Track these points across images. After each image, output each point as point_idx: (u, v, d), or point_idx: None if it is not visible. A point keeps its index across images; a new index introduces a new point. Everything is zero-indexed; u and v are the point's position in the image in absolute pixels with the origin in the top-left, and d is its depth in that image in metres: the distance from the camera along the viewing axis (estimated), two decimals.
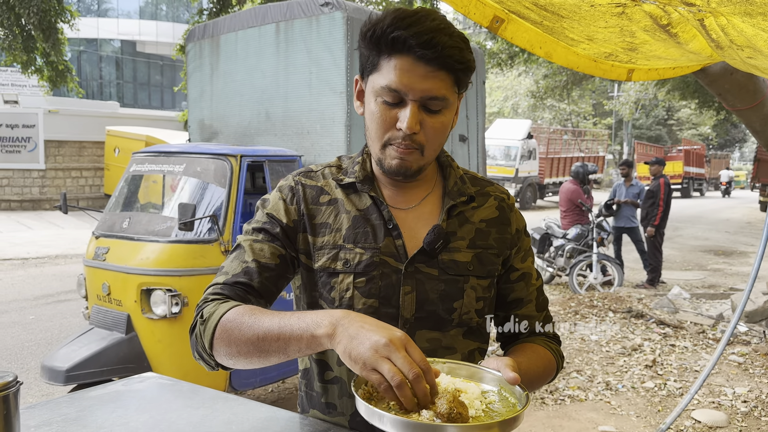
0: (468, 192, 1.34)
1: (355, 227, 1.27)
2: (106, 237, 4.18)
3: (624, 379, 5.00)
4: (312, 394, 1.35)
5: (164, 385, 1.59)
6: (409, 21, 1.13)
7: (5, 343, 6.01)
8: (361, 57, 1.22)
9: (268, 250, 1.26)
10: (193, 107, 5.61)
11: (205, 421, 1.31)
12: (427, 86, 1.15)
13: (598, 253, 8.49)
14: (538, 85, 23.83)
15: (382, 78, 1.17)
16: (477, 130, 5.83)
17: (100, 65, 34.71)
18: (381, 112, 1.19)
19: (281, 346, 1.08)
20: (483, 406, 1.03)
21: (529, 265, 1.39)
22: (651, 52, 2.91)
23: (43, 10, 11.56)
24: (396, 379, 0.92)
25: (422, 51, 1.12)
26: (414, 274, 1.25)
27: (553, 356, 1.36)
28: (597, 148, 29.69)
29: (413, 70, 1.14)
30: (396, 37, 1.13)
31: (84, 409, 1.41)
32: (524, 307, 1.38)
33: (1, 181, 16.52)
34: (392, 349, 0.95)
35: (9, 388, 0.90)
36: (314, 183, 1.34)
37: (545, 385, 1.45)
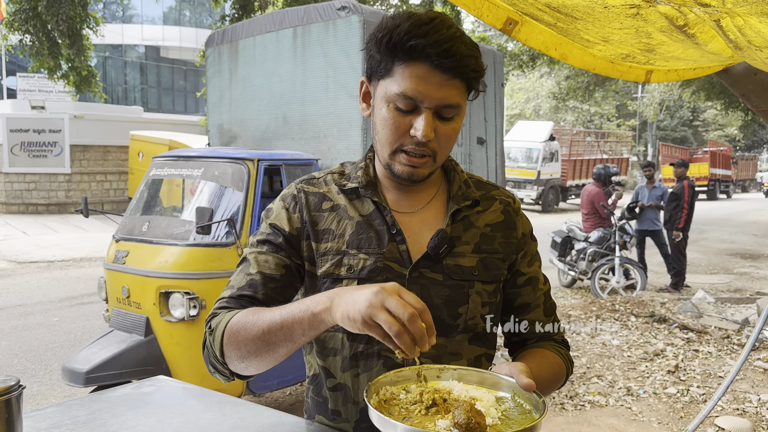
0: (472, 196, 1.33)
1: (359, 233, 1.27)
2: (126, 240, 4.23)
3: (645, 384, 4.93)
4: (318, 401, 1.35)
5: (175, 388, 1.60)
6: (426, 29, 1.12)
7: (30, 344, 6.11)
8: (371, 60, 1.21)
9: (272, 261, 1.26)
10: (213, 112, 5.66)
11: (211, 425, 1.32)
12: (442, 94, 1.14)
13: (621, 257, 8.38)
14: (560, 86, 23.63)
15: (396, 84, 1.15)
16: (495, 132, 5.79)
17: (125, 71, 35.23)
18: (394, 118, 1.18)
19: (286, 333, 1.09)
20: (499, 413, 1.01)
21: (536, 270, 1.38)
22: (669, 53, 2.87)
23: (70, 17, 11.78)
24: (393, 329, 0.93)
25: (440, 60, 1.11)
26: (418, 280, 1.24)
27: (563, 361, 1.34)
28: (621, 150, 29.34)
29: (429, 78, 1.13)
30: (414, 45, 1.12)
31: (94, 412, 1.42)
32: (531, 312, 1.36)
33: (29, 185, 16.82)
34: (385, 295, 0.95)
35: (11, 392, 0.91)
36: (317, 190, 1.33)
37: (557, 390, 1.42)
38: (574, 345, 5.87)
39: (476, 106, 5.53)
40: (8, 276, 9.61)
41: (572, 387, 4.90)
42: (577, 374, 5.16)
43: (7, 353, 5.84)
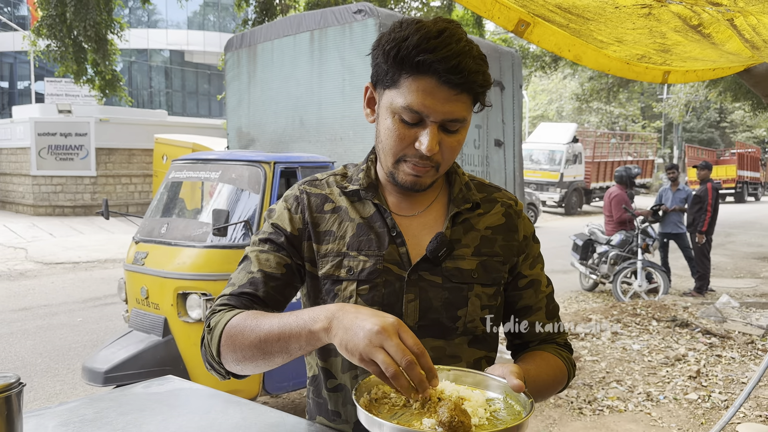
0: (473, 199, 1.33)
1: (359, 235, 1.27)
2: (145, 242, 4.30)
3: (666, 390, 4.85)
4: (319, 402, 1.36)
5: (182, 388, 1.62)
6: (435, 43, 1.11)
7: (54, 343, 6.23)
8: (377, 67, 1.20)
9: (273, 260, 1.27)
10: (232, 115, 5.71)
11: (214, 424, 1.33)
12: (448, 109, 1.14)
13: (643, 260, 8.27)
14: (582, 87, 23.42)
15: (402, 97, 1.15)
16: (513, 134, 5.76)
17: (150, 75, 35.73)
18: (399, 130, 1.18)
19: (282, 345, 1.09)
20: (487, 414, 1.02)
21: (538, 272, 1.37)
22: (686, 54, 2.83)
23: (96, 22, 11.99)
24: (390, 370, 0.93)
25: (447, 76, 1.11)
26: (417, 282, 1.24)
27: (564, 364, 1.33)
28: (646, 152, 28.97)
29: (436, 93, 1.13)
30: (422, 60, 1.11)
31: (101, 410, 1.45)
32: (533, 314, 1.36)
33: (55, 187, 17.15)
34: (384, 337, 0.95)
35: (11, 389, 0.93)
36: (319, 191, 1.34)
37: (561, 393, 1.41)
38: (594, 349, 5.81)
39: (494, 108, 5.50)
40: (35, 277, 9.80)
41: (591, 391, 4.85)
42: (596, 379, 5.11)
43: (32, 352, 5.96)
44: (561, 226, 17.66)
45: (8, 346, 6.13)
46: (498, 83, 5.54)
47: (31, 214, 17.08)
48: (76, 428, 1.33)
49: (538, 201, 19.12)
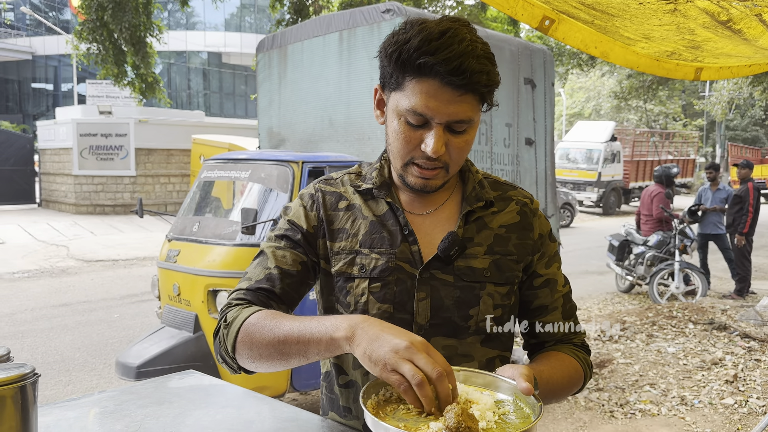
0: (486, 197, 1.32)
1: (372, 233, 1.28)
2: (178, 240, 4.38)
3: (701, 394, 4.74)
4: (332, 397, 1.37)
5: (202, 382, 1.65)
6: (436, 45, 1.10)
7: (91, 339, 6.40)
8: (383, 70, 1.21)
9: (290, 257, 1.28)
10: (263, 115, 5.78)
11: (228, 418, 1.36)
12: (453, 110, 1.14)
13: (681, 261, 8.08)
14: (621, 85, 22.99)
15: (406, 99, 1.15)
16: (545, 133, 5.69)
17: (189, 76, 36.41)
18: (405, 132, 1.18)
19: (301, 348, 1.10)
20: (496, 417, 1.01)
21: (554, 271, 1.35)
22: (718, 50, 2.76)
23: (133, 25, 12.28)
24: (417, 378, 0.92)
25: (450, 77, 1.10)
26: (429, 281, 1.24)
27: (580, 365, 1.31)
28: (687, 151, 28.27)
29: (439, 95, 1.12)
30: (423, 63, 1.10)
31: (122, 403, 1.48)
32: (549, 314, 1.34)
33: (96, 186, 17.60)
34: (414, 351, 0.95)
35: (25, 379, 0.96)
36: (334, 189, 1.35)
37: (570, 395, 1.39)
38: (628, 351, 5.70)
39: (525, 105, 5.45)
40: (75, 274, 10.08)
41: (623, 395, 4.77)
42: (628, 382, 5.02)
43: (70, 347, 6.14)
44: (598, 227, 17.39)
45: (48, 341, 6.32)
46: (529, 81, 5.48)
47: (73, 213, 17.56)
48: (96, 420, 1.37)
49: (574, 201, 18.83)
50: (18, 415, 0.96)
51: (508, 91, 5.27)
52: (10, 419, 0.95)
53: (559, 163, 21.93)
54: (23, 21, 36.16)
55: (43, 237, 13.51)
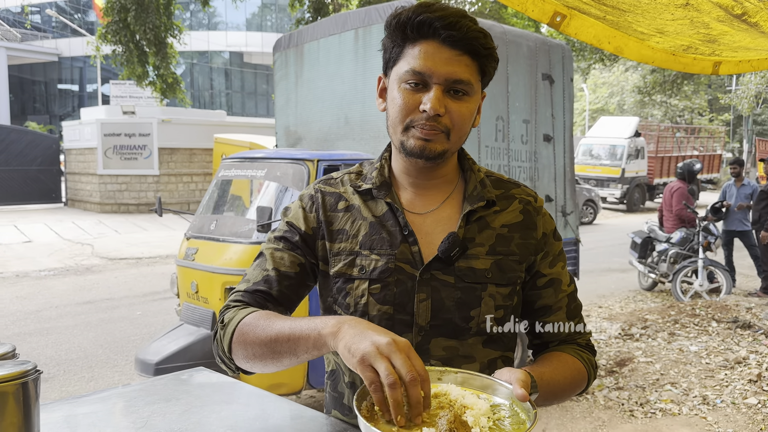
0: (488, 196, 1.30)
1: (372, 234, 1.27)
2: (196, 238, 4.43)
3: (724, 393, 4.66)
4: (335, 396, 1.37)
5: (210, 379, 1.67)
6: (434, 7, 1.17)
7: (114, 336, 6.50)
8: (385, 52, 1.25)
9: (288, 259, 1.29)
10: (280, 114, 5.81)
11: (234, 415, 1.37)
12: (451, 69, 1.16)
13: (705, 259, 7.95)
14: (645, 80, 22.66)
15: (406, 63, 1.19)
16: (564, 129, 5.63)
17: (211, 76, 36.74)
18: (404, 96, 1.19)
19: (291, 346, 1.11)
20: (490, 423, 1.00)
21: (558, 271, 1.33)
22: (736, 44, 2.71)
23: (156, 26, 12.44)
24: (390, 378, 0.91)
25: (447, 32, 1.15)
26: (429, 281, 1.23)
27: (584, 366, 1.30)
28: (713, 146, 27.78)
29: (438, 54, 1.16)
30: (422, 20, 1.16)
31: (130, 399, 1.51)
32: (553, 314, 1.32)
33: (120, 186, 17.86)
34: (393, 350, 0.94)
35: (27, 376, 0.98)
36: (333, 190, 1.35)
37: (574, 396, 1.38)
38: (649, 350, 5.63)
39: (543, 101, 5.40)
40: (99, 272, 10.25)
41: (643, 394, 4.71)
42: (649, 381, 4.95)
43: (93, 344, 6.24)
44: (621, 224, 17.18)
45: (72, 338, 6.43)
46: (547, 77, 5.44)
47: (98, 212, 17.84)
48: (104, 416, 1.40)
49: (597, 197, 18.62)
50: (20, 411, 0.98)
51: (526, 87, 5.23)
52: (12, 415, 0.97)
53: (582, 159, 21.71)
54: (49, 23, 36.80)
55: (69, 235, 13.74)
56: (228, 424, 1.32)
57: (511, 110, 5.08)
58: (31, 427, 1.00)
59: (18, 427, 0.98)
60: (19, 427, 0.98)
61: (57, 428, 1.29)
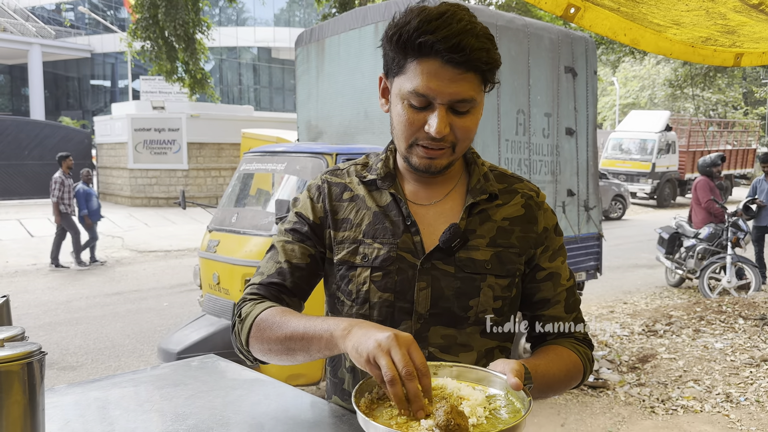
0: (490, 189, 1.32)
1: (375, 223, 1.30)
2: (218, 231, 4.50)
3: (748, 391, 4.58)
4: (335, 381, 1.40)
5: (218, 366, 1.71)
6: (436, 24, 1.12)
7: (141, 326, 6.64)
8: (385, 57, 1.23)
9: (299, 251, 1.32)
10: (302, 109, 5.86)
11: (237, 400, 1.41)
12: (455, 89, 1.15)
13: (733, 255, 7.79)
14: (676, 73, 22.21)
15: (408, 82, 1.17)
16: (587, 122, 5.57)
17: (240, 71, 37.07)
18: (408, 115, 1.19)
19: (305, 345, 1.15)
20: (486, 412, 1.02)
21: (558, 265, 1.35)
22: (756, 35, 2.66)
23: (185, 22, 12.61)
24: (388, 375, 0.95)
25: (450, 55, 1.12)
26: (430, 271, 1.25)
27: (580, 360, 1.31)
28: (748, 140, 27.13)
29: (441, 74, 1.14)
30: (423, 42, 1.12)
31: (140, 384, 1.56)
32: (551, 308, 1.34)
33: (150, 180, 18.17)
34: (393, 344, 0.98)
35: (32, 356, 1.02)
36: (339, 180, 1.38)
37: (569, 390, 1.39)
38: (672, 347, 5.56)
39: (565, 94, 5.35)
40: (129, 264, 10.46)
41: (665, 390, 4.66)
42: (671, 377, 4.89)
43: (120, 334, 6.38)
44: (651, 219, 16.92)
45: (100, 327, 6.59)
46: (570, 69, 5.38)
47: (129, 205, 18.19)
48: (114, 400, 1.44)
49: (626, 192, 18.35)
50: (24, 390, 1.02)
51: (548, 80, 5.18)
52: (17, 394, 1.01)
53: (612, 153, 21.40)
54: (82, 20, 37.51)
55: (100, 228, 14.01)
56: (232, 409, 1.35)
57: (533, 103, 5.04)
58: (35, 407, 1.04)
59: (23, 406, 1.02)
60: (24, 407, 1.02)
61: (68, 411, 1.34)
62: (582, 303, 1.23)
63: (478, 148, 4.41)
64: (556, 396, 1.40)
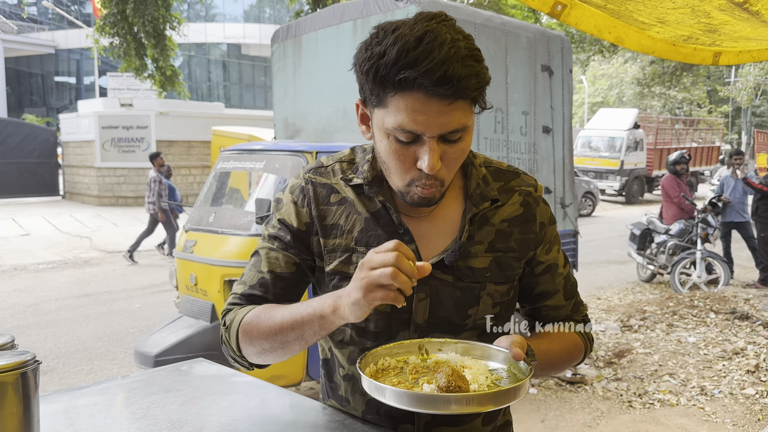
0: (491, 195, 1.26)
1: (368, 230, 1.23)
2: (195, 231, 4.42)
3: (721, 384, 4.68)
4: (330, 386, 1.37)
5: (210, 371, 1.67)
6: (415, 54, 1.00)
7: (113, 328, 6.50)
8: (362, 86, 1.11)
9: (283, 259, 1.26)
10: (278, 106, 5.79)
11: (233, 405, 1.37)
12: (444, 121, 1.05)
13: (703, 250, 7.96)
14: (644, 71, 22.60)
15: (391, 116, 1.06)
16: (563, 120, 5.62)
17: (209, 68, 36.62)
18: (397, 151, 1.10)
19: (298, 334, 1.12)
20: (488, 381, 1.05)
21: (554, 255, 1.32)
22: (736, 33, 2.70)
23: (154, 18, 12.37)
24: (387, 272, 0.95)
25: (435, 89, 1.01)
26: (428, 281, 1.20)
27: (581, 339, 1.32)
28: (712, 138, 27.76)
29: (427, 108, 1.03)
30: (405, 78, 1.01)
31: (130, 390, 1.51)
32: (551, 298, 1.33)
33: (118, 179, 17.83)
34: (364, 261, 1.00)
35: (26, 366, 0.98)
36: (325, 180, 1.28)
37: (571, 367, 1.42)
38: (647, 341, 5.64)
39: (542, 93, 5.38)
40: (98, 264, 10.24)
41: (641, 384, 4.73)
42: (647, 372, 4.97)
43: (92, 336, 6.24)
44: (620, 216, 17.19)
45: (71, 330, 6.44)
46: (546, 68, 5.42)
47: (96, 205, 17.81)
48: (104, 407, 1.39)
49: (596, 189, 18.63)
50: (19, 401, 0.98)
51: (525, 79, 5.21)
52: (11, 405, 0.96)
53: (581, 151, 21.69)
54: (45, 15, 36.63)
55: (67, 228, 13.73)
56: (228, 414, 1.32)
57: (510, 102, 5.06)
58: (30, 418, 1.00)
59: (18, 417, 0.97)
60: (18, 418, 0.97)
61: (57, 420, 1.29)
62: None
63: None
64: (558, 374, 1.42)
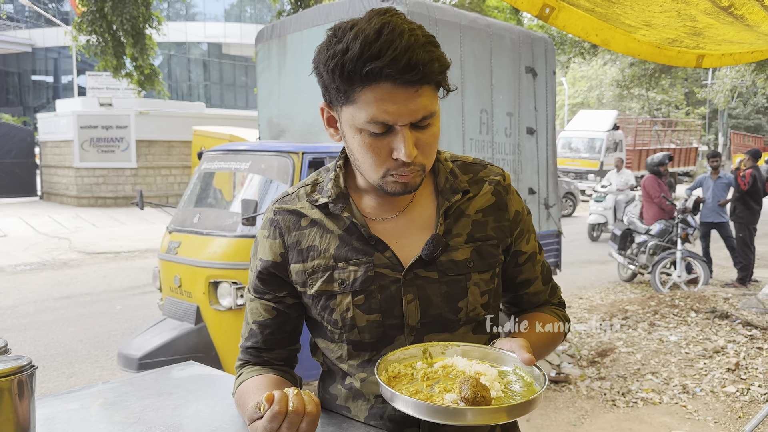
0: (461, 187, 1.27)
1: (344, 245, 1.23)
2: (178, 232, 4.38)
3: (703, 382, 4.74)
4: (327, 397, 1.36)
5: (201, 374, 1.65)
6: (378, 46, 1.02)
7: (94, 331, 6.41)
8: (325, 86, 1.13)
9: (261, 308, 1.31)
10: (263, 106, 5.76)
11: (227, 410, 1.36)
12: (413, 107, 1.08)
13: (683, 250, 8.07)
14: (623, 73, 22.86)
15: (361, 111, 1.08)
16: (546, 121, 5.66)
17: (189, 68, 36.31)
18: (371, 144, 1.11)
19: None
20: (502, 386, 1.07)
21: (533, 244, 1.37)
22: (720, 37, 2.74)
23: (133, 16, 12.23)
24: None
25: (402, 77, 1.04)
26: (414, 281, 1.21)
27: (560, 321, 1.37)
28: (690, 140, 28.17)
29: (395, 97, 1.06)
30: (371, 70, 1.03)
31: (122, 394, 1.49)
32: (532, 285, 1.38)
33: (98, 179, 17.60)
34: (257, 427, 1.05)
35: (23, 371, 0.96)
36: (291, 207, 1.29)
37: (554, 351, 1.51)
38: (629, 341, 5.71)
39: (526, 94, 5.42)
40: (77, 266, 10.10)
41: (625, 383, 4.78)
42: (630, 371, 5.02)
43: (72, 339, 6.15)
44: None
45: (51, 333, 6.34)
46: (530, 70, 5.45)
47: (75, 205, 17.57)
48: (96, 411, 1.37)
49: (576, 190, 18.80)
50: (15, 407, 0.96)
51: (509, 80, 5.24)
52: (8, 411, 0.95)
53: (561, 152, 21.88)
54: (22, 13, 36.06)
55: (45, 229, 13.52)
56: (222, 418, 1.31)
57: (495, 103, 5.09)
58: (27, 423, 0.98)
59: (14, 422, 0.96)
60: (15, 423, 0.96)
61: (49, 424, 1.27)
62: None
63: (444, 146, 4.43)
64: (542, 359, 1.48)
